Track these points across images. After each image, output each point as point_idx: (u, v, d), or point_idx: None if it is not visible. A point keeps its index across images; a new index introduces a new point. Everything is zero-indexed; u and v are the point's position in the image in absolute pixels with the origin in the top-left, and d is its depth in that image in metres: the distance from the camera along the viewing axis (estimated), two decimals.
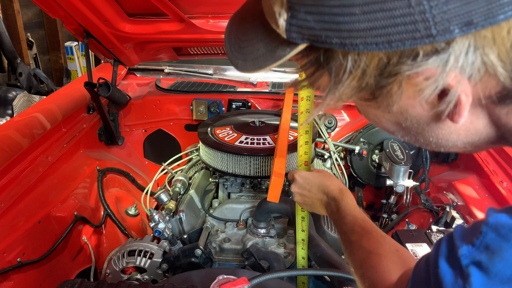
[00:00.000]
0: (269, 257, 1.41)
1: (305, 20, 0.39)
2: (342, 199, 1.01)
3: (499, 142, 0.47)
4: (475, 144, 0.47)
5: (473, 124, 0.45)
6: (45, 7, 1.64)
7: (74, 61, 5.87)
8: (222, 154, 1.68)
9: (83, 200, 1.73)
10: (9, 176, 1.46)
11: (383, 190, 2.31)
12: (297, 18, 0.40)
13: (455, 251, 0.44)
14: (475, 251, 0.42)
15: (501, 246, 0.41)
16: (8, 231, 1.33)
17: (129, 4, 1.70)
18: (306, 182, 1.12)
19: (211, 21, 1.81)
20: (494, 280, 0.40)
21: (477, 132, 0.45)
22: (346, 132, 2.31)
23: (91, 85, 1.91)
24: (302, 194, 1.13)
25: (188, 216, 1.60)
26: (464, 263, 0.43)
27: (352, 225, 0.91)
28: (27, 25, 5.27)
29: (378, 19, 0.36)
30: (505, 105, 0.42)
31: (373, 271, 0.78)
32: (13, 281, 1.30)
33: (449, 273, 0.44)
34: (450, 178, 1.91)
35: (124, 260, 1.48)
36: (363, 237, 0.86)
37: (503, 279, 0.40)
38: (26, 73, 3.84)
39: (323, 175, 1.12)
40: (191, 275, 1.26)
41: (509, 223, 0.41)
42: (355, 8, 0.36)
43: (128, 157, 2.34)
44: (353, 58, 0.40)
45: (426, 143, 0.49)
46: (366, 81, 0.41)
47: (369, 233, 0.87)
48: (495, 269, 0.40)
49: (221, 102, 2.37)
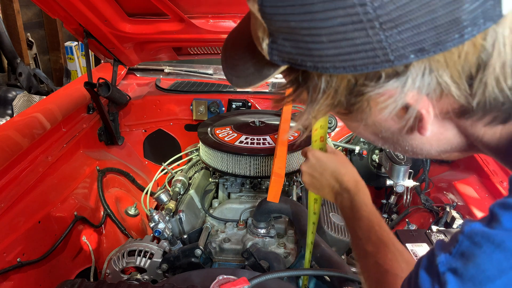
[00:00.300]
0: (269, 257, 1.41)
1: (283, 46, 0.44)
2: (357, 194, 0.94)
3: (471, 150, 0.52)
4: (448, 151, 0.52)
5: (443, 135, 0.50)
6: (45, 7, 1.64)
7: (74, 61, 5.86)
8: (222, 154, 1.68)
9: (83, 200, 1.73)
10: (9, 176, 1.46)
11: (383, 190, 2.31)
12: (277, 43, 0.45)
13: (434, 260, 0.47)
14: (452, 259, 0.45)
15: (474, 253, 0.43)
16: (8, 231, 1.33)
17: (129, 4, 1.70)
18: (319, 163, 1.02)
19: (211, 21, 1.81)
20: (468, 285, 0.43)
21: (448, 141, 0.51)
22: (346, 132, 2.31)
23: (91, 85, 1.91)
24: (312, 175, 1.04)
25: (188, 216, 1.60)
26: (442, 270, 0.45)
27: (368, 232, 0.85)
28: (27, 25, 5.27)
29: (342, 46, 0.41)
30: (465, 119, 0.46)
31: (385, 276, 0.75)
32: (13, 281, 1.30)
33: (427, 281, 0.47)
34: (450, 178, 1.91)
35: (124, 260, 1.48)
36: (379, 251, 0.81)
37: (475, 283, 0.42)
38: (26, 73, 3.84)
39: (339, 160, 1.03)
40: (191, 275, 1.26)
41: (482, 231, 0.44)
42: (322, 37, 0.41)
43: (128, 157, 2.34)
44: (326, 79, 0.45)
45: (404, 150, 0.54)
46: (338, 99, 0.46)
47: (386, 246, 0.81)
48: (469, 274, 0.43)
49: (221, 102, 2.37)
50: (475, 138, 0.49)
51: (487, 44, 0.40)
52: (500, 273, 0.42)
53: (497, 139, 0.47)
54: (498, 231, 0.43)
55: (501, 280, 0.42)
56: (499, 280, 0.42)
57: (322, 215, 1.62)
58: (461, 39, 0.39)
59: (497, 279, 0.42)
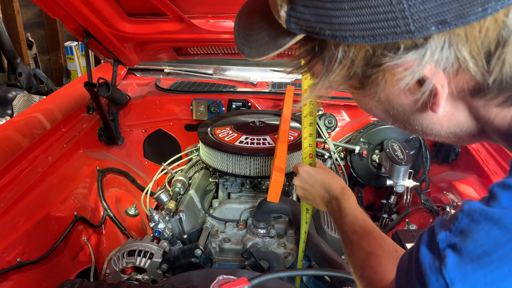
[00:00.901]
0: (269, 257, 1.41)
1: (302, 13, 0.44)
2: (343, 198, 1.03)
3: (480, 136, 0.52)
4: (457, 135, 0.52)
5: (454, 116, 0.49)
6: (45, 7, 1.64)
7: (74, 61, 5.86)
8: (222, 154, 1.68)
9: (83, 200, 1.73)
10: (9, 176, 1.46)
11: (383, 190, 2.31)
12: (296, 10, 0.44)
13: (435, 237, 0.48)
14: (451, 236, 0.46)
15: (472, 229, 0.45)
16: (8, 231, 1.33)
17: (129, 4, 1.70)
18: (309, 177, 1.14)
19: (211, 21, 1.81)
20: (466, 260, 0.44)
21: (459, 123, 0.50)
22: (346, 132, 2.31)
23: (91, 85, 1.91)
24: (304, 189, 1.15)
25: (188, 216, 1.60)
26: (442, 247, 0.46)
27: (353, 224, 0.93)
28: (27, 25, 5.27)
29: (364, 14, 0.40)
30: (478, 98, 0.46)
31: (371, 272, 0.80)
32: (13, 281, 1.30)
33: (428, 257, 0.48)
34: (450, 178, 1.91)
35: (124, 260, 1.48)
36: (363, 238, 0.88)
37: (473, 257, 0.44)
38: (26, 73, 3.84)
39: (327, 172, 1.14)
40: (191, 275, 1.26)
41: (480, 208, 0.45)
42: (344, 4, 0.40)
43: (128, 157, 2.34)
44: (343, 49, 0.44)
45: (413, 130, 0.54)
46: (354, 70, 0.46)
47: (369, 233, 0.89)
48: (467, 249, 0.44)
49: (221, 102, 2.37)
50: (486, 121, 0.48)
51: (509, 20, 0.40)
52: (497, 248, 0.43)
53: (507, 122, 0.47)
54: (496, 209, 0.44)
55: (497, 254, 0.43)
56: (495, 254, 0.43)
57: (322, 215, 1.62)
58: (484, 13, 0.38)
59: (493, 253, 0.43)
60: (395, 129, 2.13)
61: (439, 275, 0.45)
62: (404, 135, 2.12)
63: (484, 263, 0.43)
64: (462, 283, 0.44)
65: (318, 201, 1.12)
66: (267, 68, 2.64)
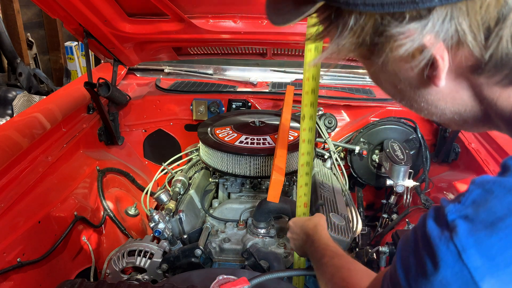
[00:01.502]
0: (269, 257, 1.41)
1: None
2: (316, 233, 1.06)
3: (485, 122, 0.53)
4: (462, 116, 0.53)
5: (458, 94, 0.51)
6: (45, 7, 1.64)
7: (74, 61, 5.86)
8: (222, 154, 1.68)
9: (83, 200, 1.73)
10: (9, 176, 1.46)
11: (383, 190, 2.31)
12: None
13: (442, 210, 0.48)
14: (461, 207, 0.47)
15: (486, 198, 0.46)
16: (8, 231, 1.33)
17: (129, 4, 1.70)
18: (295, 225, 1.17)
19: (211, 21, 1.81)
20: (478, 226, 0.44)
21: (463, 102, 0.52)
22: (346, 132, 2.31)
23: (91, 85, 1.91)
24: (293, 238, 1.18)
25: (188, 216, 1.60)
26: (450, 218, 0.46)
27: (324, 250, 0.97)
28: (27, 25, 5.27)
29: None
30: (477, 74, 0.48)
31: (343, 283, 0.81)
32: (13, 281, 1.30)
33: (436, 229, 0.48)
34: (450, 178, 1.91)
35: (124, 260, 1.48)
36: (334, 258, 0.92)
37: (486, 224, 0.44)
38: (26, 73, 3.84)
39: (309, 218, 1.17)
40: (191, 275, 1.26)
41: (493, 179, 0.47)
42: None
43: (128, 157, 2.34)
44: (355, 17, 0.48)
45: (420, 108, 0.55)
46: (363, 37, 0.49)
47: (340, 255, 0.92)
48: (480, 217, 0.44)
49: (221, 102, 2.37)
50: (489, 101, 0.50)
51: None
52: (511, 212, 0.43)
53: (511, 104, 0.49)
54: (510, 178, 0.46)
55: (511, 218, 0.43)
56: (509, 218, 0.43)
57: None
58: None
59: (507, 217, 0.43)
60: (395, 129, 2.14)
61: (450, 242, 0.45)
62: (404, 135, 2.12)
63: (498, 229, 0.43)
64: (475, 249, 0.43)
65: (304, 246, 1.13)
66: (267, 68, 2.64)
